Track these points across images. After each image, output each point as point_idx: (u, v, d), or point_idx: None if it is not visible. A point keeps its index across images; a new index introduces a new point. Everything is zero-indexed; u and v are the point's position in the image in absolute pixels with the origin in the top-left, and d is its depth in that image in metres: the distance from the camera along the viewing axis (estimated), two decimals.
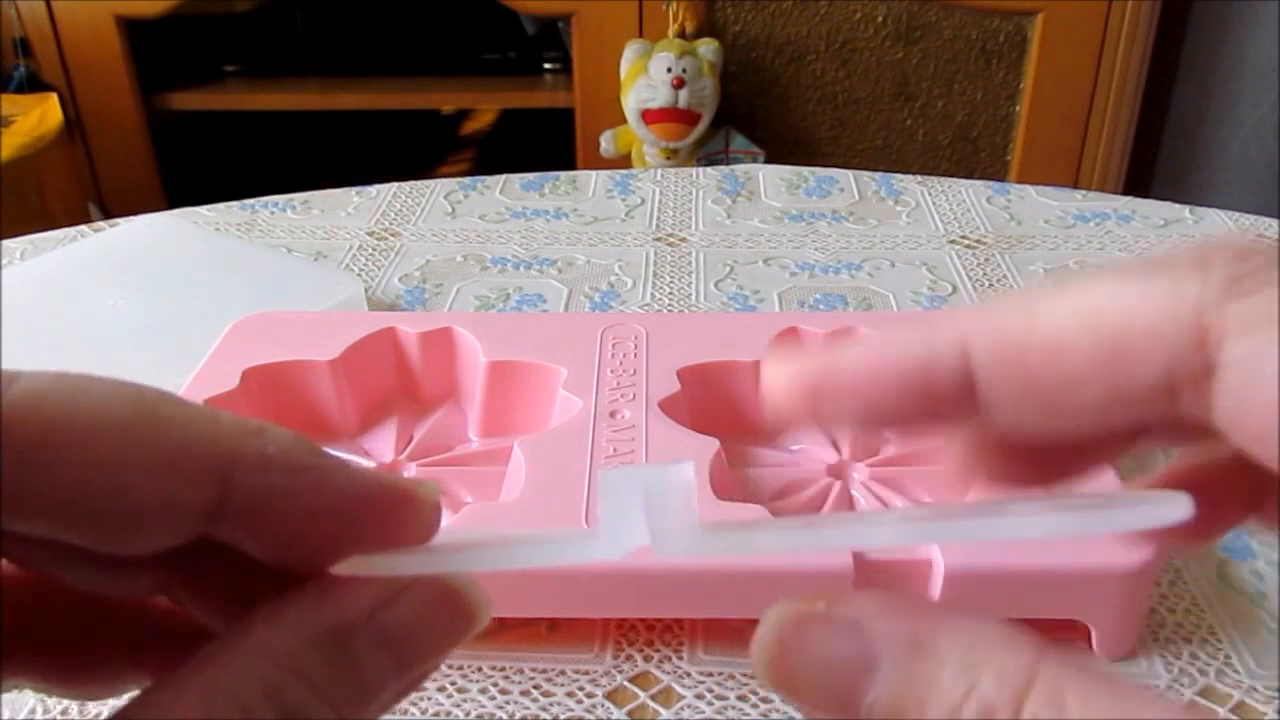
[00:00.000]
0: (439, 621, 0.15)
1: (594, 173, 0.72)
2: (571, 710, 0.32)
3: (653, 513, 0.15)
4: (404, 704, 0.32)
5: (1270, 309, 0.13)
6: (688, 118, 1.50)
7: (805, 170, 0.72)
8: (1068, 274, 0.14)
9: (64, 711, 0.32)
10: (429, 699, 0.32)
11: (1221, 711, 0.31)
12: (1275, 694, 0.31)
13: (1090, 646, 0.32)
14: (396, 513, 0.16)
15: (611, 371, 0.41)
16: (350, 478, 0.15)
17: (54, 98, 1.62)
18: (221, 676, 0.14)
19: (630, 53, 1.52)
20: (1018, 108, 1.63)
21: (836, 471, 0.40)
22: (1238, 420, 0.14)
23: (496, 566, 0.16)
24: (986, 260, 0.60)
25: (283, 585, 0.15)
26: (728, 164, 1.05)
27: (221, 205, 0.68)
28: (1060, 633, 0.32)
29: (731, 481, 0.38)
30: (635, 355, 0.42)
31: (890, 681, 0.13)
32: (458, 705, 0.32)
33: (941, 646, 0.13)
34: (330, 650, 0.14)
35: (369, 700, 0.15)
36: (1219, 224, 0.64)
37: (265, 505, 0.15)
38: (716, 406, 0.41)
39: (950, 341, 0.16)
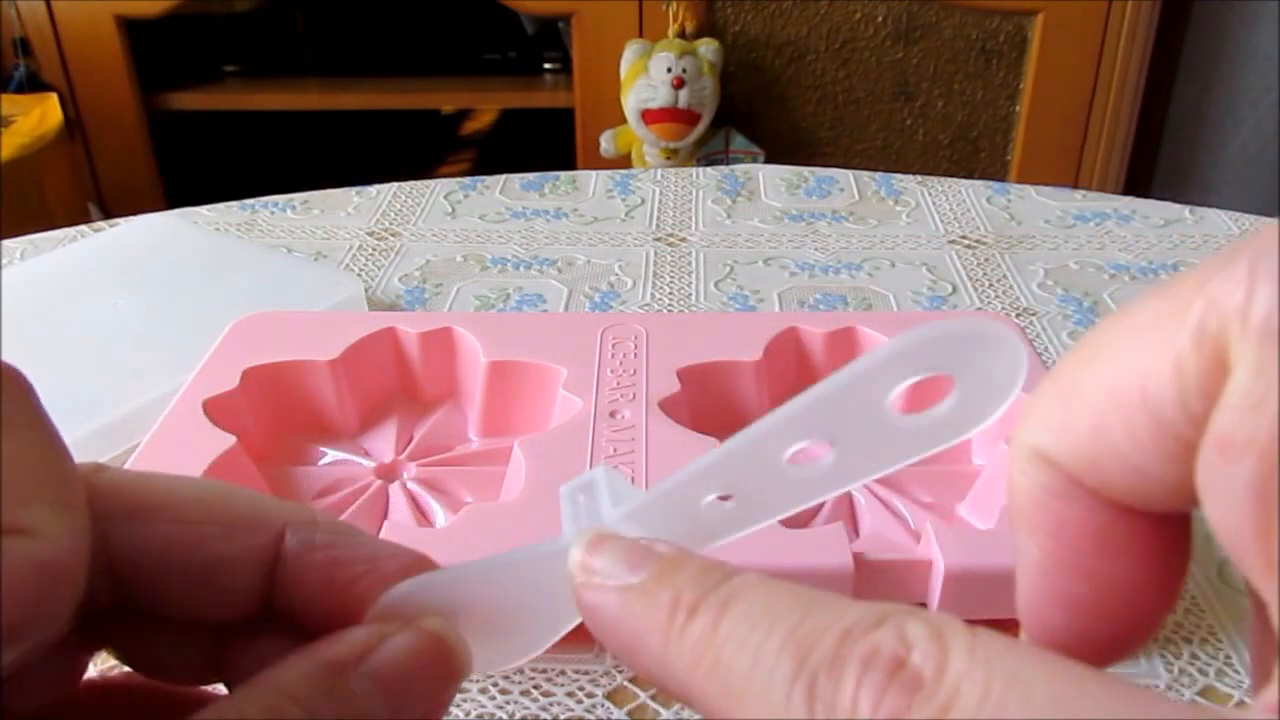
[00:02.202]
0: (424, 663, 0.17)
1: (594, 173, 0.72)
2: (571, 710, 0.32)
3: (578, 512, 0.18)
4: None
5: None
6: (688, 118, 1.50)
7: (805, 170, 0.72)
8: (1098, 335, 0.14)
9: None
10: None
11: (1221, 711, 0.31)
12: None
13: None
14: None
15: (611, 371, 0.41)
16: (383, 545, 0.18)
17: (54, 98, 1.62)
18: (232, 705, 0.16)
19: (630, 53, 1.52)
20: (1018, 108, 1.63)
21: None
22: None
23: (487, 572, 0.18)
24: (986, 260, 0.60)
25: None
26: (728, 164, 1.05)
27: (221, 205, 0.68)
28: None
29: None
30: (635, 355, 0.42)
31: None
32: (458, 705, 0.32)
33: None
34: (326, 683, 0.16)
35: None
36: (1219, 224, 0.64)
37: (313, 562, 0.18)
38: (716, 406, 0.41)
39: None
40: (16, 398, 0.15)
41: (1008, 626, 0.14)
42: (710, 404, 0.41)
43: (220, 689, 0.19)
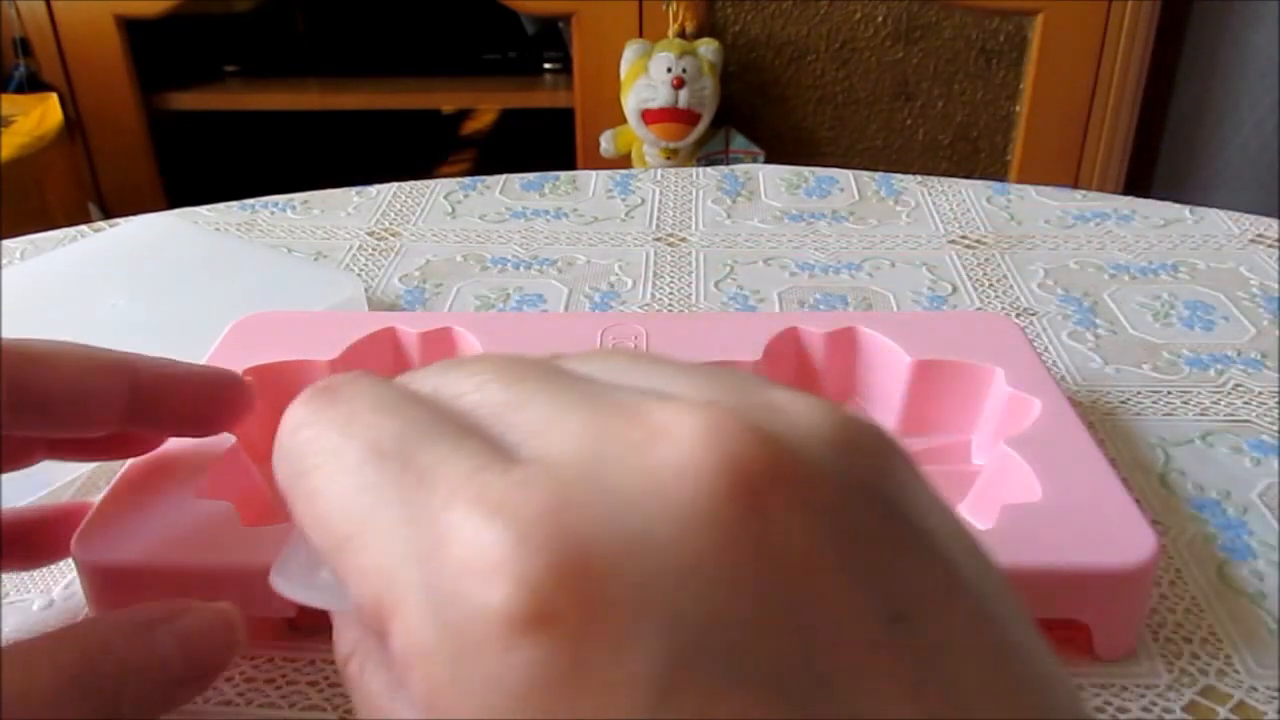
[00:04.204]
0: (215, 632, 0.22)
1: (594, 173, 0.72)
2: None
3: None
4: None
5: None
6: (688, 118, 1.50)
7: (805, 170, 0.72)
8: None
9: None
10: None
11: (1221, 711, 0.31)
12: (1275, 694, 0.31)
13: (1090, 646, 0.32)
14: (234, 389, 0.29)
15: None
16: (211, 369, 0.29)
17: (54, 98, 1.62)
18: (44, 646, 0.20)
19: (630, 53, 1.52)
20: (1018, 108, 1.63)
21: None
22: None
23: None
24: (986, 260, 0.60)
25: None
26: (728, 164, 1.05)
27: (221, 205, 0.68)
28: (1060, 632, 0.32)
29: None
30: None
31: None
32: None
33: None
34: (132, 634, 0.21)
35: (159, 676, 0.21)
36: (1219, 224, 0.64)
37: (161, 390, 0.27)
38: None
39: None
40: None
41: None
42: None
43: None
